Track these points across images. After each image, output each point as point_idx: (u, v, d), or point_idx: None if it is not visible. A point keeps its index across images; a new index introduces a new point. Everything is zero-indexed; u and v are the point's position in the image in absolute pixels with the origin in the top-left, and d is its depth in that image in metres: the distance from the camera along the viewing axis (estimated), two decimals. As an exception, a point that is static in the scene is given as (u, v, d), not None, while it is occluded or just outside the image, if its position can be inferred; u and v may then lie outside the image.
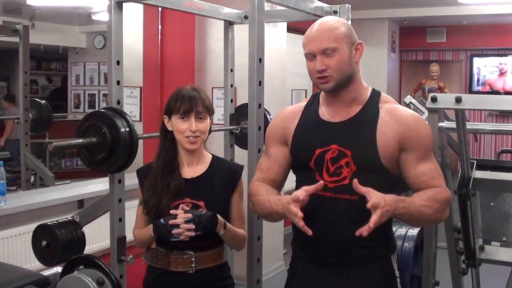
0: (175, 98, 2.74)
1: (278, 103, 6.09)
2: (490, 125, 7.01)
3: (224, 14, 3.95)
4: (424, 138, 2.47)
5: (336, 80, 2.42)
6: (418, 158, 2.45)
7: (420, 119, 2.51)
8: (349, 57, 2.44)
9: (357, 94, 2.51)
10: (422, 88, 10.43)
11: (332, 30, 2.42)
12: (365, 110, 2.49)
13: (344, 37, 2.43)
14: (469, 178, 3.30)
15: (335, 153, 2.45)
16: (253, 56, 2.81)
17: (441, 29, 10.95)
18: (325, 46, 2.40)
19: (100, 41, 8.41)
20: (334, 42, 2.40)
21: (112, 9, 3.06)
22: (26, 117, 5.63)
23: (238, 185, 2.87)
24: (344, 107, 2.51)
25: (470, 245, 3.48)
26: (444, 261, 3.68)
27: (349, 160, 2.42)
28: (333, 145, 2.46)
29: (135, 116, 5.86)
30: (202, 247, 2.76)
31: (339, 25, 2.46)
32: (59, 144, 2.81)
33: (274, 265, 6.43)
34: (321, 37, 2.42)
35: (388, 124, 2.44)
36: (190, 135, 2.71)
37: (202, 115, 2.74)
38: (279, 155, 2.62)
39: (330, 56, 2.40)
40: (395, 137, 2.42)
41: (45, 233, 3.16)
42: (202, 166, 2.85)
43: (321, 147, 2.48)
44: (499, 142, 10.84)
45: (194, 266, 2.75)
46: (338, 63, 2.41)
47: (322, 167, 2.47)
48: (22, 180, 5.65)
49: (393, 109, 2.49)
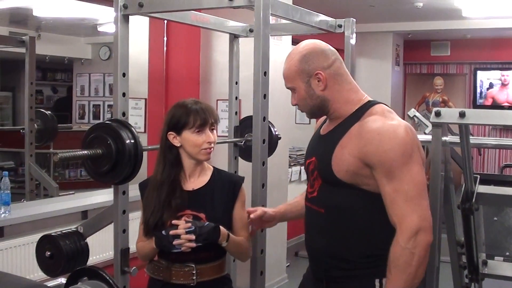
0: (185, 113, 2.74)
1: (282, 116, 6.09)
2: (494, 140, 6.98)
3: (229, 27, 3.97)
4: (386, 153, 2.28)
5: (306, 111, 2.59)
6: (381, 177, 2.30)
7: (385, 133, 2.31)
8: (308, 91, 2.52)
9: (340, 112, 2.52)
10: (426, 101, 10.44)
11: (286, 72, 2.58)
12: (340, 125, 2.50)
13: (297, 75, 2.53)
14: (473, 192, 3.31)
15: (313, 165, 2.54)
16: (258, 69, 2.82)
17: (445, 42, 10.98)
18: (287, 86, 2.57)
19: (106, 53, 8.42)
20: (290, 83, 2.56)
21: (118, 22, 3.08)
22: (31, 127, 5.64)
23: (239, 195, 2.88)
24: (332, 122, 2.57)
25: (473, 259, 3.48)
26: (447, 275, 3.68)
27: (317, 172, 2.51)
28: (313, 158, 2.56)
29: (140, 128, 5.87)
30: (204, 259, 2.77)
31: (292, 64, 2.56)
32: (64, 155, 2.82)
33: (277, 278, 6.41)
34: (283, 77, 2.59)
35: (352, 138, 2.38)
36: (208, 146, 2.75)
37: (214, 125, 2.79)
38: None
39: (294, 93, 2.56)
40: (352, 153, 2.35)
41: (49, 244, 3.16)
42: (203, 178, 2.86)
43: (307, 159, 2.61)
44: (503, 157, 10.83)
45: (195, 279, 2.75)
46: (299, 99, 2.56)
47: (309, 178, 2.60)
48: (26, 190, 5.65)
49: (365, 123, 2.38)
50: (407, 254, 2.24)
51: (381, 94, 9.63)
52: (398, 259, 2.25)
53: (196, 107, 2.75)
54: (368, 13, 8.42)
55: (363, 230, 2.39)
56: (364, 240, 2.42)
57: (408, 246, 2.24)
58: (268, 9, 2.80)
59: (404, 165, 2.28)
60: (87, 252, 3.22)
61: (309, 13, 3.32)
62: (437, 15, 8.66)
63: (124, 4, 3.09)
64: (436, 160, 3.17)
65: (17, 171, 6.59)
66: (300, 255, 7.37)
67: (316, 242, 2.54)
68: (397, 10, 8.40)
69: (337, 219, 2.40)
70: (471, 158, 3.32)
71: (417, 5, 7.80)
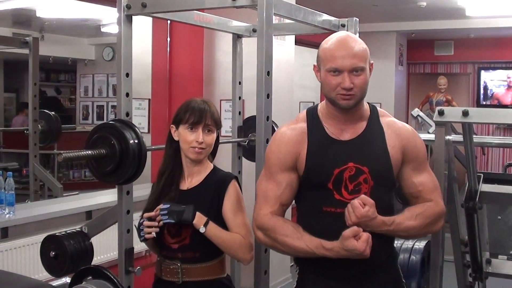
0: (185, 108, 2.75)
1: (286, 115, 6.09)
2: (497, 139, 6.99)
3: (233, 27, 3.98)
4: (420, 149, 2.55)
5: (357, 99, 2.43)
6: (414, 169, 2.54)
7: (414, 131, 2.61)
8: (368, 77, 2.46)
9: (362, 111, 2.53)
10: (430, 101, 10.43)
11: (361, 48, 2.43)
12: (369, 125, 2.52)
13: (367, 56, 2.45)
14: (476, 191, 3.31)
15: (353, 171, 2.45)
16: (261, 68, 2.82)
17: (448, 42, 10.97)
18: (356, 65, 2.39)
19: (109, 53, 8.44)
20: (363, 62, 2.41)
21: (121, 22, 3.09)
22: (35, 128, 5.65)
23: (226, 192, 2.78)
24: (350, 123, 2.51)
25: (477, 258, 3.49)
26: (451, 274, 3.68)
27: (367, 176, 2.43)
28: (350, 163, 2.45)
29: (144, 128, 5.88)
30: (189, 259, 2.74)
31: (364, 46, 2.46)
32: (68, 155, 2.83)
33: (281, 278, 6.41)
34: (352, 53, 2.40)
35: (392, 137, 2.51)
36: (196, 146, 2.71)
37: (210, 128, 2.75)
38: (291, 180, 2.55)
39: (357, 75, 2.40)
40: (400, 151, 2.50)
41: (53, 244, 3.17)
42: (199, 177, 2.82)
43: (338, 167, 2.46)
44: (507, 156, 10.82)
45: (180, 277, 2.73)
46: (363, 83, 2.42)
47: (341, 186, 2.46)
48: (31, 191, 5.66)
49: (392, 122, 2.57)
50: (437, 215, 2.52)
51: (384, 93, 9.64)
52: (431, 208, 2.50)
53: (197, 105, 2.74)
54: (371, 13, 8.43)
55: None
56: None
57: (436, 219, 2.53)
58: (271, 9, 2.80)
59: (427, 159, 2.62)
60: (92, 252, 3.24)
61: (312, 13, 3.32)
62: (441, 15, 8.66)
63: (127, 5, 3.10)
64: (440, 159, 3.18)
65: (21, 172, 6.60)
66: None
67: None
68: (401, 9, 8.40)
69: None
70: (474, 157, 3.33)
71: (421, 4, 7.80)
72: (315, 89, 9.63)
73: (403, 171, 2.53)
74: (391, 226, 2.40)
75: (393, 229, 2.41)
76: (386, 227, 2.39)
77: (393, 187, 2.53)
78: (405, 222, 2.43)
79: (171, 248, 2.73)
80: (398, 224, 2.42)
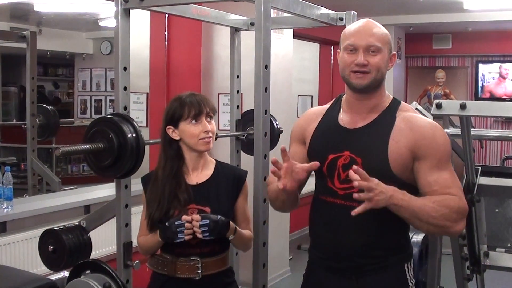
0: (179, 106, 2.75)
1: (284, 109, 6.10)
2: (495, 132, 7.00)
3: (231, 20, 3.97)
4: (439, 147, 2.42)
5: (371, 79, 2.43)
6: (431, 167, 2.40)
7: (436, 128, 2.47)
8: (387, 61, 2.47)
9: (379, 101, 2.52)
10: (428, 95, 10.44)
11: (381, 32, 2.46)
12: (381, 117, 2.49)
13: (388, 42, 2.47)
14: (474, 184, 3.31)
15: (347, 160, 2.45)
16: (259, 62, 2.82)
17: (447, 35, 10.96)
18: (372, 43, 2.41)
19: (107, 47, 8.42)
20: (380, 42, 2.43)
21: (119, 16, 3.09)
22: (33, 122, 5.64)
23: (242, 189, 2.88)
24: (363, 113, 2.51)
25: (474, 251, 3.49)
26: (449, 267, 3.69)
27: (359, 167, 2.39)
28: (346, 152, 2.46)
29: (142, 122, 5.87)
30: (208, 253, 2.77)
31: (385, 30, 2.49)
32: (66, 149, 2.82)
33: (280, 271, 6.43)
34: (369, 33, 2.44)
35: (402, 132, 2.43)
36: (205, 136, 2.74)
37: (210, 115, 2.78)
38: (299, 154, 2.63)
39: (373, 54, 2.42)
40: (408, 146, 2.40)
41: (51, 238, 3.17)
42: (207, 171, 2.86)
43: (334, 153, 2.49)
44: (505, 149, 10.82)
45: (200, 272, 2.75)
46: (379, 63, 2.42)
47: (334, 173, 2.48)
48: (29, 185, 5.66)
49: (410, 117, 2.48)
50: (457, 208, 2.36)
51: (382, 87, 9.62)
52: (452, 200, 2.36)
53: (190, 98, 2.75)
54: (369, 6, 8.40)
55: (399, 220, 2.37)
56: (397, 230, 2.49)
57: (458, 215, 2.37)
58: (269, 2, 2.80)
59: (449, 159, 2.47)
60: (90, 246, 3.24)
61: (310, 6, 3.31)
62: (439, 8, 8.64)
63: (125, -2, 3.09)
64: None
65: (19, 166, 6.59)
66: (302, 248, 7.38)
67: (350, 238, 2.45)
68: (399, 3, 8.38)
69: (380, 213, 2.31)
70: (472, 150, 3.33)
71: (419, -3, 7.80)
72: (314, 82, 9.64)
73: (418, 170, 2.42)
74: (405, 196, 2.28)
75: (408, 204, 2.28)
76: (400, 195, 2.27)
77: (394, 184, 2.35)
78: (421, 201, 2.33)
79: (189, 245, 2.71)
80: (413, 200, 2.31)
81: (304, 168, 2.36)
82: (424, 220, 2.33)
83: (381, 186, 2.23)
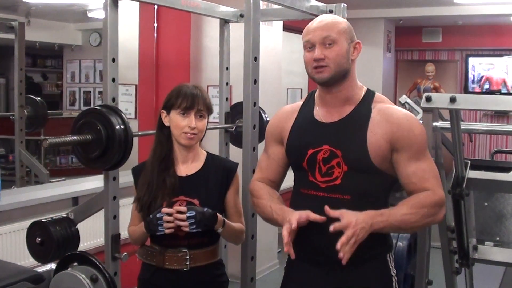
0: (176, 94, 2.75)
1: (273, 101, 6.09)
2: (485, 125, 7.00)
3: (220, 12, 3.96)
4: (416, 138, 2.45)
5: (332, 72, 2.44)
6: (409, 158, 2.44)
7: (412, 119, 2.50)
8: (347, 52, 2.47)
9: (351, 93, 2.52)
10: (418, 88, 10.46)
11: (334, 23, 2.47)
12: (357, 110, 2.51)
13: (344, 32, 2.47)
14: (463, 178, 3.31)
15: (327, 153, 2.47)
16: (248, 54, 2.82)
17: (436, 29, 10.97)
18: (326, 35, 2.43)
19: (96, 39, 8.37)
20: (335, 33, 2.44)
21: (108, 7, 3.06)
22: (21, 114, 5.62)
23: (232, 182, 2.87)
24: (337, 107, 2.52)
25: (463, 244, 3.49)
26: (437, 260, 3.69)
27: (340, 160, 2.44)
28: (325, 146, 2.48)
29: (130, 114, 5.86)
30: (197, 244, 2.77)
31: (340, 20, 2.52)
32: (54, 141, 2.80)
33: (268, 264, 6.43)
34: (323, 27, 2.46)
35: (379, 124, 2.45)
36: (189, 131, 2.72)
37: (202, 113, 2.76)
38: (277, 154, 2.66)
39: (329, 47, 2.43)
40: (385, 137, 2.43)
41: (39, 230, 3.15)
42: (196, 163, 2.85)
43: (313, 148, 2.50)
44: (494, 142, 10.86)
45: (188, 264, 2.75)
46: (336, 54, 2.43)
47: (315, 167, 2.49)
48: (17, 177, 5.64)
49: (385, 109, 2.50)
50: (434, 204, 2.42)
51: (372, 80, 9.61)
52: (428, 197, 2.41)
53: (189, 90, 2.74)
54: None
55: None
56: None
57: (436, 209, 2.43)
58: (259, -6, 2.79)
59: (426, 148, 2.52)
60: (78, 238, 3.22)
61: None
62: (429, 1, 8.64)
63: (114, -11, 3.07)
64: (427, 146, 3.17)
65: (7, 158, 6.57)
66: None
67: (338, 232, 2.36)
68: (389, -4, 8.39)
69: (362, 204, 2.37)
70: (461, 143, 3.33)
71: (409, -9, 7.80)
72: (303, 75, 9.55)
73: (397, 161, 2.46)
74: (383, 217, 2.34)
75: (389, 222, 2.35)
76: (379, 217, 2.33)
77: (374, 175, 2.44)
78: (399, 212, 2.38)
79: (177, 236, 2.70)
80: (392, 215, 2.37)
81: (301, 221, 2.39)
82: (408, 228, 2.47)
83: (360, 220, 2.27)
